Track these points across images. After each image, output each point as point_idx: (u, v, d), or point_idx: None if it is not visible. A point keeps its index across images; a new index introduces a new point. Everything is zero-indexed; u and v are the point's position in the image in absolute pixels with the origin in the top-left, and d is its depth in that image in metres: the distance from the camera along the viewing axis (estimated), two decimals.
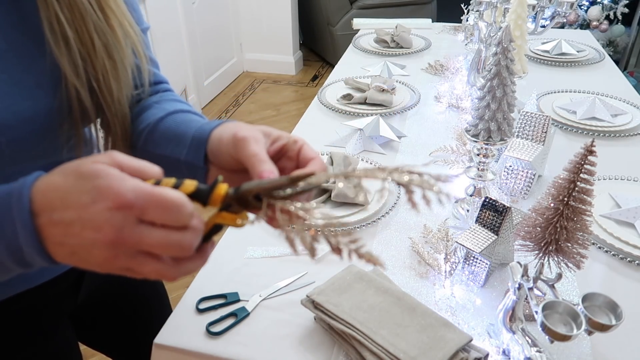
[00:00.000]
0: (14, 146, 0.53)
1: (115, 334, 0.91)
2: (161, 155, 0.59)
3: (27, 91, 0.52)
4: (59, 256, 0.40)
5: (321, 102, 1.41)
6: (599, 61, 1.67)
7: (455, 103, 1.40)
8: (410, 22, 2.05)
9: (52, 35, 0.51)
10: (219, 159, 0.53)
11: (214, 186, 0.41)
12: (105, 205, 0.37)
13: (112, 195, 0.37)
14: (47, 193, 0.39)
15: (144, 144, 0.61)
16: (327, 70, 4.05)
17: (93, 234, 0.37)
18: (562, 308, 0.57)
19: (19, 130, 0.52)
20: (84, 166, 0.39)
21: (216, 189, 0.40)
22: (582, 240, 0.59)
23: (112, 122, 0.58)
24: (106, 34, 0.54)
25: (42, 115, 0.54)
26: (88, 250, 0.38)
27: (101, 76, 0.55)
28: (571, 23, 3.41)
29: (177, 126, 0.59)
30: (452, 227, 0.92)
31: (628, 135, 1.22)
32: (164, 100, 0.66)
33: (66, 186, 0.38)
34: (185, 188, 0.40)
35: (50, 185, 0.39)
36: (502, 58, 0.78)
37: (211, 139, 0.54)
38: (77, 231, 0.38)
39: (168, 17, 2.91)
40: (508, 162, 1.00)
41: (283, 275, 0.82)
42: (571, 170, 0.57)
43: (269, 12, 3.80)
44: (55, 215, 0.38)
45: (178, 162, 0.57)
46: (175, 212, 0.37)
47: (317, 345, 0.71)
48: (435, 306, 0.76)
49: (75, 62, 0.53)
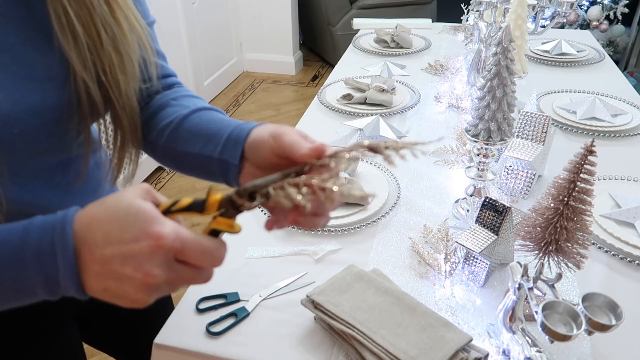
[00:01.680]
0: (24, 139, 0.53)
1: (116, 333, 0.91)
2: (188, 152, 0.60)
3: (36, 84, 0.52)
4: (93, 290, 0.41)
5: (321, 102, 1.41)
6: (599, 61, 1.67)
7: (455, 103, 1.40)
8: (410, 22, 2.05)
9: (60, 29, 0.52)
10: (257, 155, 0.54)
11: (208, 194, 0.42)
12: (147, 244, 0.38)
13: (154, 235, 0.38)
14: (90, 227, 0.40)
15: (168, 141, 0.62)
16: (327, 70, 4.05)
17: (132, 272, 0.39)
18: (562, 308, 0.57)
19: (29, 123, 0.53)
20: (124, 201, 0.40)
21: (211, 195, 0.42)
22: (582, 240, 0.59)
23: (120, 115, 0.59)
24: (112, 28, 0.55)
25: (51, 109, 0.54)
26: (124, 287, 0.40)
27: (108, 69, 0.55)
28: (571, 23, 3.41)
29: (206, 124, 0.60)
30: (452, 227, 0.92)
31: (628, 135, 1.22)
32: (181, 97, 0.67)
33: (109, 222, 0.40)
34: (182, 203, 0.43)
35: (94, 219, 0.41)
36: (502, 58, 0.78)
37: (251, 136, 0.55)
38: (116, 267, 0.39)
39: (168, 17, 2.91)
40: (508, 162, 1.00)
41: (283, 275, 0.82)
42: (571, 170, 0.57)
43: (269, 12, 3.80)
44: (97, 251, 0.40)
45: (209, 159, 0.58)
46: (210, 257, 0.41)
47: (317, 345, 0.71)
48: (435, 306, 0.76)
49: (84, 56, 0.53)
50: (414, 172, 1.11)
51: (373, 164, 1.11)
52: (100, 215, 0.40)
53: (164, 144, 0.63)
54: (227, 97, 3.69)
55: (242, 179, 0.57)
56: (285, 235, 0.92)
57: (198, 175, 0.63)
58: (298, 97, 3.69)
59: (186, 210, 0.42)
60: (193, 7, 3.19)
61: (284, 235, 0.92)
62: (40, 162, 0.58)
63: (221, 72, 3.72)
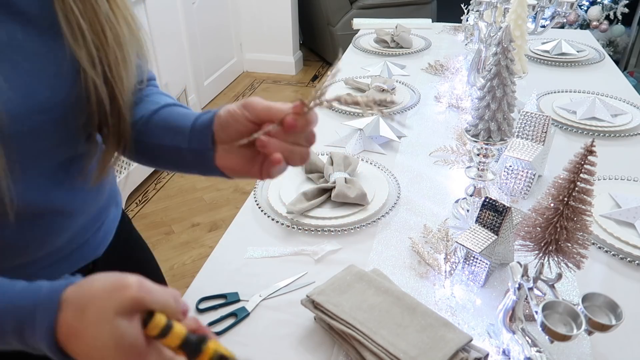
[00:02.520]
0: (33, 136, 0.54)
1: None
2: (158, 144, 0.61)
3: (46, 81, 0.53)
4: None
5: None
6: (599, 61, 1.67)
7: (455, 103, 1.40)
8: (410, 22, 2.05)
9: (68, 27, 0.53)
10: (230, 132, 0.55)
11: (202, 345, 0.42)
12: None
13: (133, 355, 0.40)
14: (69, 340, 0.41)
15: (138, 135, 0.63)
16: (327, 70, 4.05)
17: None
18: (562, 308, 0.57)
19: (38, 120, 0.54)
20: (105, 327, 0.40)
21: (208, 345, 0.42)
22: (582, 240, 0.59)
23: (124, 111, 0.60)
24: (115, 25, 0.56)
25: (61, 105, 0.55)
26: None
27: (113, 66, 0.56)
28: (571, 23, 3.41)
29: (174, 118, 0.61)
30: (452, 227, 0.92)
31: (628, 135, 1.22)
32: (153, 94, 0.68)
33: (88, 344, 0.41)
34: (173, 339, 0.42)
35: (72, 333, 0.41)
36: (502, 58, 0.78)
37: (218, 118, 0.56)
38: None
39: (168, 17, 2.91)
40: (508, 162, 1.00)
41: (283, 275, 0.82)
42: (571, 170, 0.57)
43: (269, 12, 3.80)
44: (72, 344, 0.41)
45: (179, 151, 0.59)
46: None
47: (317, 345, 0.71)
48: (435, 306, 0.76)
49: (91, 53, 0.54)
50: (414, 172, 1.11)
51: (373, 164, 1.11)
52: (82, 334, 0.41)
53: (135, 138, 0.64)
54: (227, 97, 3.69)
55: (219, 161, 0.57)
56: (285, 235, 0.92)
57: (173, 167, 0.64)
58: (298, 97, 3.68)
59: (179, 349, 0.42)
60: (193, 7, 3.18)
61: (284, 235, 0.92)
62: (47, 159, 0.59)
63: (221, 72, 3.72)
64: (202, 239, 2.26)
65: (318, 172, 1.06)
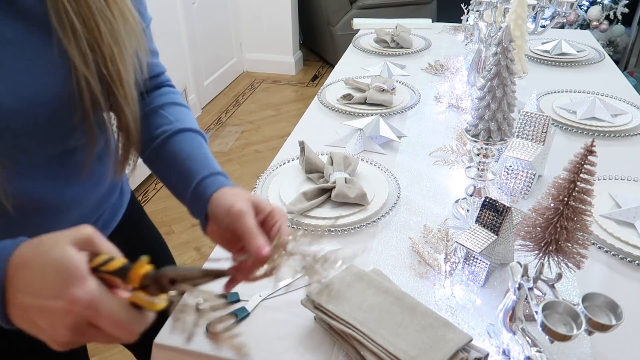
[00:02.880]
0: (27, 131, 0.54)
1: None
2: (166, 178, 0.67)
3: (34, 78, 0.53)
4: (18, 325, 0.43)
5: (321, 102, 1.41)
6: (599, 61, 1.67)
7: (455, 103, 1.40)
8: (410, 22, 2.05)
9: (60, 25, 0.52)
10: (216, 220, 0.60)
11: (134, 265, 0.43)
12: (61, 305, 0.39)
13: (69, 297, 0.39)
14: (18, 271, 0.41)
15: (154, 157, 0.68)
16: (327, 70, 4.05)
17: (45, 326, 0.41)
18: (562, 308, 0.57)
19: (31, 116, 0.54)
20: (56, 250, 0.41)
21: (135, 267, 0.42)
22: (582, 240, 0.59)
23: (123, 105, 0.60)
24: (110, 20, 0.55)
25: (53, 102, 0.55)
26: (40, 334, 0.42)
27: (109, 62, 0.56)
28: (571, 23, 3.41)
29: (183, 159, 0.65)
30: (452, 227, 0.92)
31: (628, 135, 1.22)
32: (167, 105, 0.71)
33: (35, 270, 0.41)
34: (113, 264, 0.43)
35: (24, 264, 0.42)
36: (502, 58, 0.78)
37: (212, 202, 0.61)
38: (32, 317, 0.41)
39: (168, 17, 2.91)
40: (508, 162, 1.00)
41: (283, 276, 0.82)
42: (571, 170, 0.57)
43: (269, 12, 3.80)
44: (19, 297, 0.41)
45: (183, 199, 0.65)
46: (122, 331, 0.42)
47: (317, 345, 0.71)
48: (435, 306, 0.76)
49: (84, 51, 0.54)
50: (414, 172, 1.11)
51: (373, 164, 1.11)
52: (31, 261, 0.41)
53: (148, 157, 0.68)
54: (227, 97, 3.69)
55: (209, 232, 0.63)
56: None
57: None
58: (298, 97, 3.69)
59: (113, 274, 0.42)
60: (193, 7, 3.19)
61: None
62: (41, 153, 0.59)
63: (221, 72, 3.72)
64: (202, 239, 2.26)
65: (318, 172, 1.06)
